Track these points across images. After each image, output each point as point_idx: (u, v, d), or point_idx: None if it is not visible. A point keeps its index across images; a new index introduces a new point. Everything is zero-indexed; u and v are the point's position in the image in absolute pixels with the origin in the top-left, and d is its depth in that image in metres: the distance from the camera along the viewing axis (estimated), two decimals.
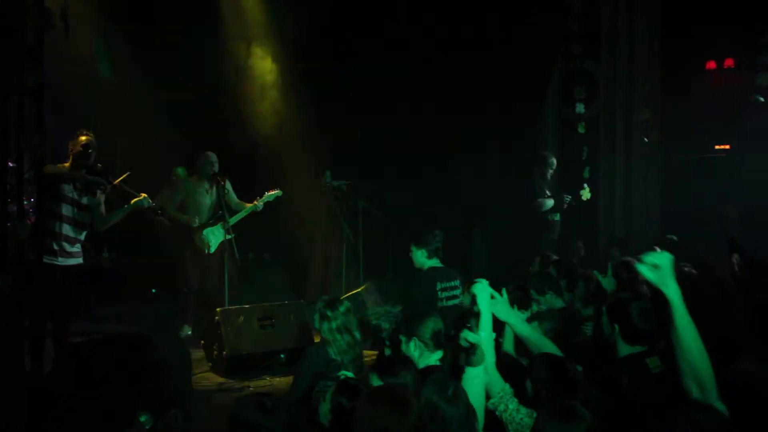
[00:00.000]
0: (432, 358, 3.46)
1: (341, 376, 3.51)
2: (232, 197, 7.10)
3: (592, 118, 9.82)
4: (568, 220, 8.44)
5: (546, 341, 3.41)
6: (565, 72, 9.95)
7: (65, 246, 5.20)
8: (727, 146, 9.37)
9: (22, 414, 4.08)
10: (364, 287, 7.45)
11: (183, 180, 7.31)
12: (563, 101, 10.00)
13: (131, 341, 4.88)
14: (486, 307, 3.08)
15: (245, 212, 7.04)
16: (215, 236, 6.97)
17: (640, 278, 5.08)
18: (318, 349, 4.22)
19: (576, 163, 9.64)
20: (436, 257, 5.06)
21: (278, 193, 7.13)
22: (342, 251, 8.52)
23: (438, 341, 3.50)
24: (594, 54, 9.75)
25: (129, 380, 4.54)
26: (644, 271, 2.46)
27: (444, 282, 5.00)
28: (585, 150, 9.80)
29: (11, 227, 4.57)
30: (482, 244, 9.33)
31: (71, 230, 5.24)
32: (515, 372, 3.25)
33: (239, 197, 7.17)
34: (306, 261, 9.01)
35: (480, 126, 8.88)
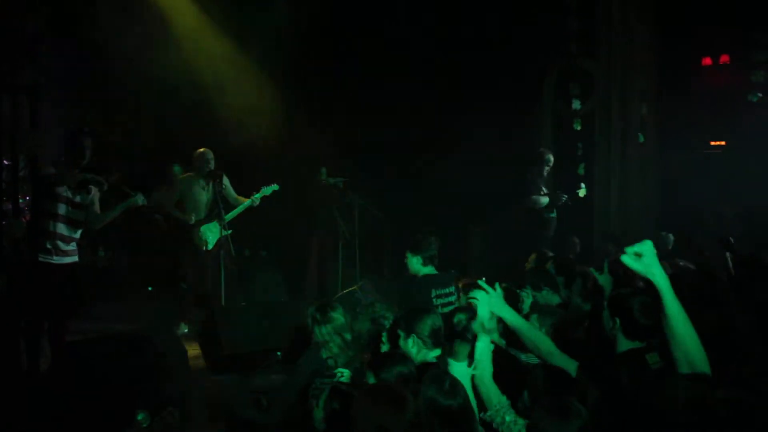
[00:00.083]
0: (429, 356, 3.46)
1: (338, 374, 3.51)
2: (230, 193, 7.07)
3: (588, 115, 9.83)
4: (564, 217, 8.45)
5: (541, 336, 3.41)
6: (562, 69, 9.96)
7: (60, 245, 5.18)
8: (723, 143, 9.39)
9: (21, 413, 4.08)
10: (360, 284, 7.44)
11: (179, 177, 7.29)
12: (559, 98, 10.01)
13: (129, 340, 4.90)
14: (485, 314, 3.09)
15: (242, 208, 7.01)
16: (212, 233, 6.95)
17: (637, 275, 5.12)
18: (316, 351, 4.23)
19: (571, 160, 9.65)
20: (432, 264, 5.03)
21: (275, 187, 7.08)
22: (338, 248, 8.51)
23: (437, 339, 3.50)
24: (590, 51, 9.75)
25: (127, 380, 4.55)
26: (628, 262, 2.46)
27: (439, 289, 4.97)
28: (580, 147, 9.81)
29: (6, 225, 4.57)
30: (479, 242, 9.34)
31: (66, 229, 5.22)
32: (503, 362, 3.28)
33: (236, 194, 7.15)
34: (303, 258, 9.00)
35: (477, 124, 8.88)
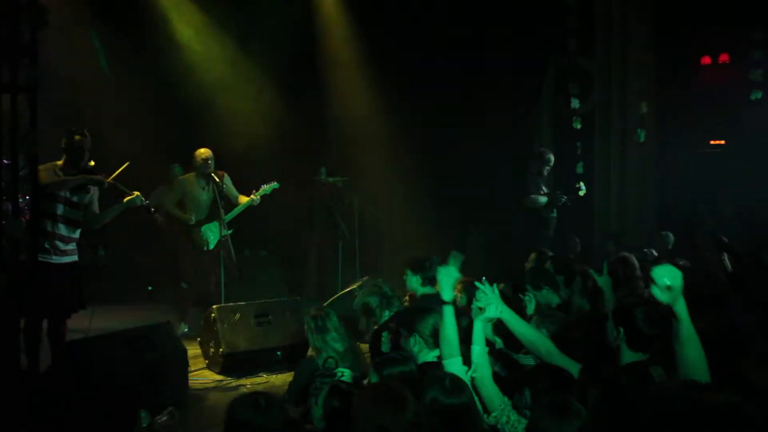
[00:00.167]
0: (431, 355, 3.46)
1: (338, 374, 3.50)
2: (232, 192, 7.05)
3: (587, 114, 9.83)
4: (564, 216, 8.45)
5: (540, 336, 3.40)
6: (561, 68, 9.95)
7: (59, 245, 5.17)
8: (722, 141, 9.39)
9: (21, 413, 4.07)
10: (360, 283, 7.43)
11: (180, 178, 7.28)
12: (558, 97, 10.01)
13: (129, 340, 4.90)
14: (480, 320, 3.13)
15: (242, 207, 7.00)
16: (213, 233, 6.94)
17: (637, 274, 5.12)
18: (311, 362, 4.24)
19: (570, 159, 9.64)
20: (430, 285, 5.03)
21: (275, 186, 7.05)
22: (338, 248, 8.51)
23: (438, 338, 3.50)
24: (589, 50, 9.75)
25: (127, 379, 4.54)
26: (657, 294, 2.49)
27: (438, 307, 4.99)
28: (579, 146, 9.81)
29: (6, 225, 4.56)
30: (479, 242, 9.33)
31: (65, 229, 5.21)
32: (501, 362, 3.30)
33: (237, 193, 7.14)
34: (302, 258, 9.00)
35: (477, 123, 8.88)
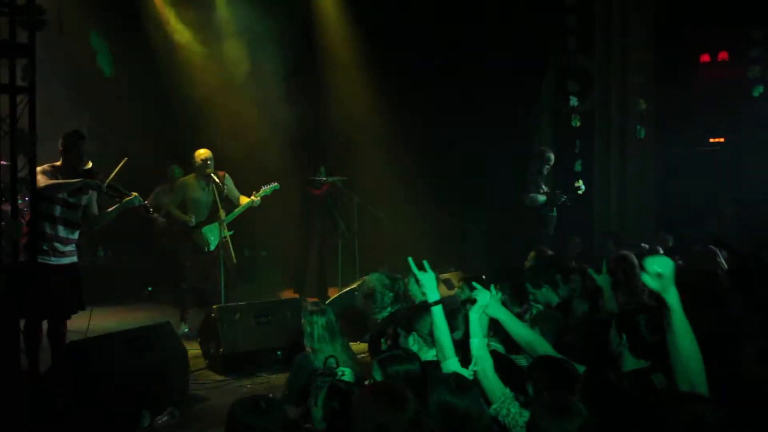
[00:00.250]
0: (430, 354, 3.46)
1: (338, 373, 3.50)
2: (234, 193, 7.05)
3: (586, 112, 9.83)
4: (564, 215, 8.45)
5: (537, 337, 3.39)
6: (560, 67, 9.95)
7: (58, 246, 5.17)
8: (722, 139, 9.39)
9: (21, 413, 4.07)
10: (360, 282, 7.43)
11: (180, 180, 7.26)
12: (557, 95, 10.00)
13: (129, 341, 4.90)
14: (478, 313, 3.12)
15: (242, 208, 7.00)
16: (214, 234, 6.94)
17: (636, 272, 5.12)
18: (306, 358, 4.23)
19: (569, 157, 9.64)
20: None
21: (276, 186, 7.06)
22: (338, 247, 8.50)
23: None
24: (588, 48, 9.75)
25: (127, 380, 4.55)
26: (648, 281, 2.45)
27: None
28: (578, 144, 9.80)
29: (5, 226, 4.56)
30: (478, 241, 9.33)
31: (63, 230, 5.21)
32: (499, 365, 3.28)
33: (239, 194, 7.14)
34: (302, 258, 9.00)
35: (476, 122, 8.88)
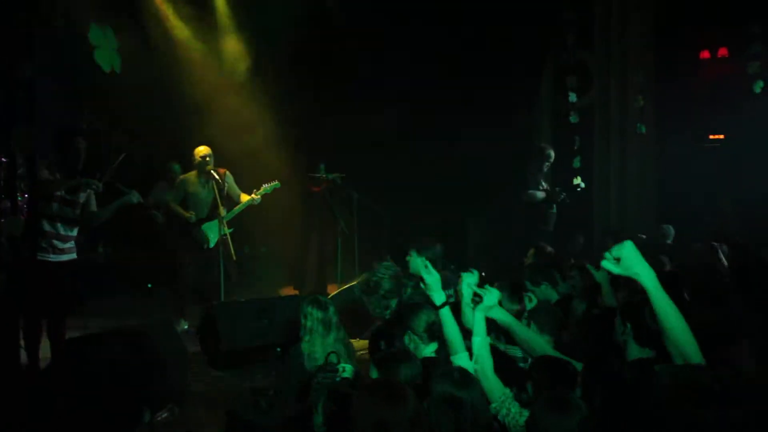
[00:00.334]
0: (427, 350, 3.47)
1: (340, 370, 3.48)
2: (235, 190, 7.06)
3: (585, 108, 9.82)
4: (564, 212, 8.45)
5: (534, 335, 3.39)
6: (559, 62, 9.94)
7: (56, 243, 5.18)
8: (722, 136, 9.38)
9: (21, 411, 4.07)
10: (360, 280, 7.42)
11: (181, 177, 7.25)
12: (557, 91, 9.99)
13: (128, 338, 4.90)
14: (484, 312, 3.11)
15: (243, 206, 7.01)
16: (213, 232, 6.95)
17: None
18: (297, 350, 4.22)
19: (568, 154, 9.63)
20: (435, 268, 5.07)
21: (276, 185, 7.08)
22: (337, 244, 8.51)
23: (432, 333, 3.51)
24: (587, 44, 9.74)
25: (127, 377, 4.54)
26: (608, 267, 2.36)
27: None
28: (577, 140, 9.80)
29: (5, 223, 4.56)
30: (478, 237, 9.33)
31: (62, 228, 5.22)
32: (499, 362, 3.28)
33: (240, 191, 7.13)
34: (302, 254, 9.00)
35: (476, 118, 8.87)
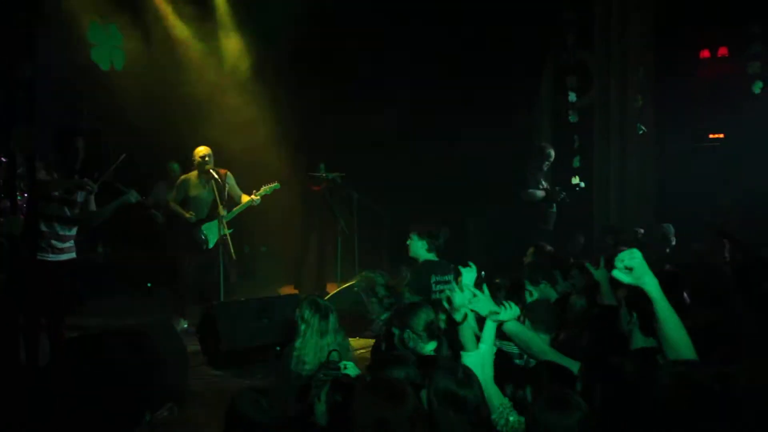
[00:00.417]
0: (426, 349, 3.46)
1: (341, 367, 3.48)
2: (236, 191, 7.06)
3: (585, 108, 9.82)
4: (564, 211, 8.45)
5: (532, 335, 3.37)
6: (559, 62, 9.93)
7: (55, 243, 5.18)
8: (722, 135, 9.38)
9: (20, 410, 4.07)
10: (360, 278, 7.43)
11: (181, 177, 7.25)
12: (557, 91, 9.99)
13: (128, 337, 4.89)
14: (492, 320, 3.07)
15: (242, 207, 7.01)
16: (213, 232, 6.95)
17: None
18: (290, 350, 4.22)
19: (568, 153, 9.63)
20: (434, 252, 5.11)
21: (276, 186, 7.08)
22: (337, 243, 8.51)
23: (431, 332, 3.50)
24: (587, 43, 9.73)
25: (126, 376, 4.54)
26: (619, 277, 2.39)
27: (439, 275, 5.07)
28: (576, 139, 9.79)
29: (4, 223, 4.56)
30: (478, 237, 9.33)
31: (60, 228, 5.22)
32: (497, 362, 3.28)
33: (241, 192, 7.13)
34: (302, 254, 9.00)
35: (476, 117, 8.87)
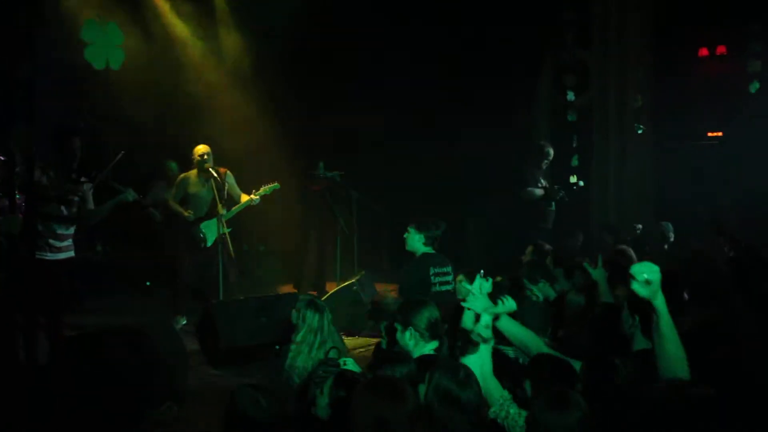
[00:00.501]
0: (427, 348, 3.45)
1: (342, 364, 3.49)
2: (236, 190, 7.06)
3: (584, 106, 9.82)
4: (563, 210, 8.46)
5: (529, 333, 3.37)
6: (558, 61, 9.93)
7: (53, 242, 5.18)
8: (720, 133, 9.39)
9: (19, 409, 4.07)
10: (359, 277, 7.44)
11: (180, 176, 7.25)
12: (555, 90, 9.99)
13: (128, 337, 4.89)
14: (482, 311, 3.06)
15: (241, 206, 7.01)
16: (211, 231, 6.94)
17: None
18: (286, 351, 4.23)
19: (566, 152, 9.63)
20: (432, 246, 5.14)
21: (276, 186, 7.09)
22: (336, 242, 8.51)
23: (434, 331, 3.49)
24: (586, 43, 9.73)
25: (125, 375, 4.54)
26: (637, 289, 2.47)
27: (437, 267, 5.11)
28: (575, 138, 9.79)
29: (3, 221, 4.56)
30: (477, 235, 9.34)
31: (58, 227, 5.22)
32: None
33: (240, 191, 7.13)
34: (301, 253, 9.00)
35: (474, 116, 8.87)
